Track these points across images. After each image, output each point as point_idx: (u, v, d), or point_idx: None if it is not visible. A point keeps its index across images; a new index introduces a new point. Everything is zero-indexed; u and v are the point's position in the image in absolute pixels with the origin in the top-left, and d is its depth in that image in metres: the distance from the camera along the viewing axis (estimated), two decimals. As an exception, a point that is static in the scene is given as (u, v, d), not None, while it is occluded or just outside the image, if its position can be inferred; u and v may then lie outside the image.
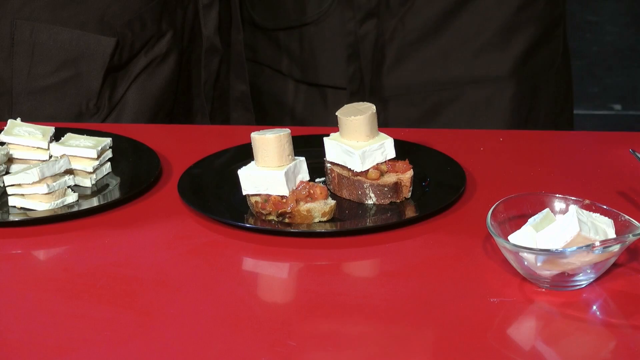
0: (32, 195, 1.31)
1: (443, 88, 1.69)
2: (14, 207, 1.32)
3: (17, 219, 1.30)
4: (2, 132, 1.40)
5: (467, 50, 1.69)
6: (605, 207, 1.20)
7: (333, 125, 1.37)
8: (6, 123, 1.42)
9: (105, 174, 1.41)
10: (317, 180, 1.36)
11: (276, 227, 1.27)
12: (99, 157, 1.38)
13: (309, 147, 1.37)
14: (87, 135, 1.41)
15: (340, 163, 1.35)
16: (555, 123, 1.75)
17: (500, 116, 1.71)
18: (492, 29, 1.69)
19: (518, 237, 1.17)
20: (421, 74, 1.69)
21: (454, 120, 1.70)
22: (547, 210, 1.20)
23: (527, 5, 1.70)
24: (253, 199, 1.30)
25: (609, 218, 1.18)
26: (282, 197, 1.29)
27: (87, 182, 1.38)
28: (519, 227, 1.18)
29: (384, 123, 1.68)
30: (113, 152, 1.42)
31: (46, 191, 1.31)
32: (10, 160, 1.39)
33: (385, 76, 1.68)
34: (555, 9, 1.74)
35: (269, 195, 1.29)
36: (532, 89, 1.73)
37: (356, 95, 1.69)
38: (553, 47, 1.75)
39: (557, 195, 1.23)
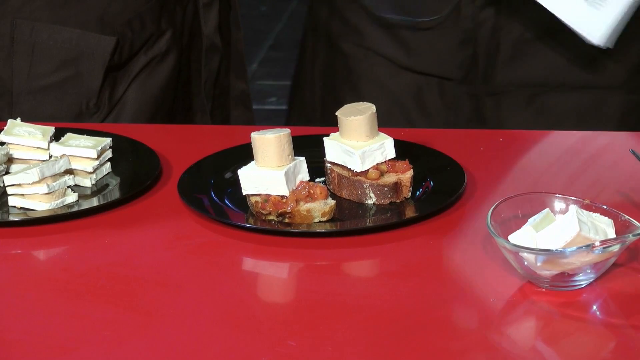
0: (32, 195, 1.32)
1: (552, 90, 1.67)
2: (14, 207, 1.32)
3: (17, 219, 1.30)
4: (2, 132, 1.40)
5: (581, 55, 1.66)
6: (605, 207, 1.20)
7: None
8: (6, 123, 1.42)
9: (105, 174, 1.41)
10: (317, 180, 1.36)
11: (276, 227, 1.27)
12: (98, 157, 1.39)
13: (308, 147, 1.37)
14: (87, 135, 1.42)
15: (340, 163, 1.35)
16: None
17: (607, 124, 1.69)
18: None
19: (518, 237, 1.17)
20: (533, 73, 1.66)
21: (558, 123, 1.67)
22: (547, 210, 1.20)
23: None
24: (253, 199, 1.30)
25: (609, 218, 1.18)
26: (282, 197, 1.29)
27: (87, 182, 1.38)
28: (518, 227, 1.18)
29: (489, 117, 1.66)
30: (113, 152, 1.42)
31: (46, 191, 1.31)
32: (10, 160, 1.39)
33: (499, 69, 1.65)
34: None
35: (269, 195, 1.29)
36: None
37: (463, 84, 1.67)
38: None
39: (557, 195, 1.23)
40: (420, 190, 1.35)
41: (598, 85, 1.69)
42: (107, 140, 1.41)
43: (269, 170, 1.29)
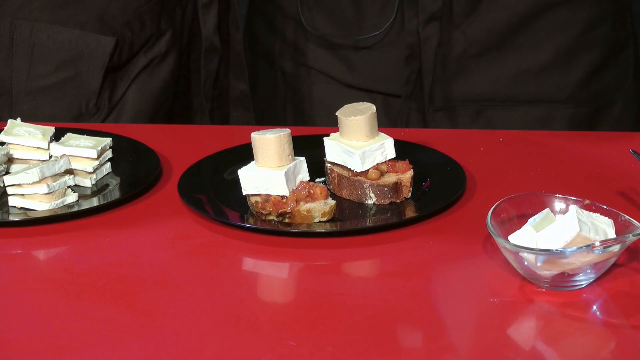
0: (32, 195, 1.32)
1: (499, 104, 1.67)
2: (14, 207, 1.33)
3: (17, 219, 1.30)
4: (2, 132, 1.41)
5: (527, 70, 1.66)
6: (605, 207, 1.20)
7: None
8: (6, 123, 1.42)
9: (105, 174, 1.41)
10: (317, 180, 1.36)
11: (276, 227, 1.27)
12: (99, 157, 1.39)
13: (309, 147, 1.38)
14: (87, 135, 1.42)
15: (340, 163, 1.35)
16: None
17: None
18: (553, 51, 1.66)
19: (518, 237, 1.17)
20: (479, 88, 1.66)
21: None
22: (547, 210, 1.20)
23: (592, 28, 1.66)
24: (253, 199, 1.30)
25: (609, 218, 1.18)
26: (282, 197, 1.29)
27: (87, 182, 1.38)
28: (519, 227, 1.19)
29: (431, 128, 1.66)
30: (113, 152, 1.43)
31: (46, 191, 1.31)
32: (10, 160, 1.40)
33: (445, 85, 1.65)
34: (621, 32, 1.70)
35: (269, 195, 1.29)
36: (592, 112, 1.70)
37: (409, 100, 1.66)
38: (621, 69, 1.72)
39: (557, 195, 1.24)
40: (420, 190, 1.35)
41: (544, 99, 1.69)
42: (107, 141, 1.41)
43: (269, 171, 1.29)
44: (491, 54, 1.64)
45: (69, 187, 1.34)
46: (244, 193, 1.31)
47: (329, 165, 1.37)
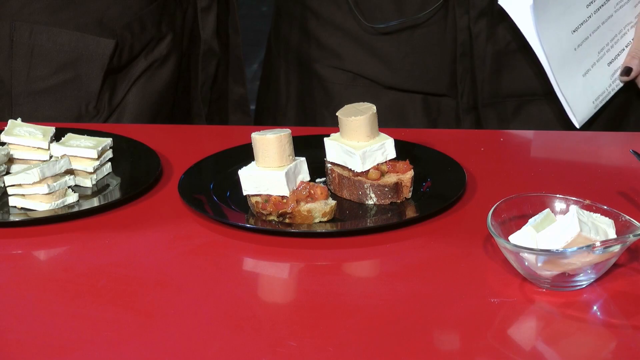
0: (32, 196, 1.32)
1: (539, 98, 1.64)
2: (15, 207, 1.33)
3: (17, 219, 1.30)
4: (3, 132, 1.41)
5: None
6: (605, 207, 1.20)
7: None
8: (6, 123, 1.42)
9: (105, 174, 1.41)
10: (317, 180, 1.36)
11: (277, 228, 1.27)
12: (99, 157, 1.39)
13: (309, 148, 1.38)
14: (87, 135, 1.42)
15: (340, 163, 1.35)
16: None
17: (596, 128, 1.67)
18: None
19: (518, 238, 1.17)
20: (519, 83, 1.64)
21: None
22: (547, 210, 1.20)
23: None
24: (254, 199, 1.30)
25: (609, 218, 1.18)
26: (283, 197, 1.29)
27: (87, 183, 1.38)
28: (519, 227, 1.19)
29: (477, 125, 1.65)
30: (113, 152, 1.43)
31: (47, 191, 1.31)
32: (10, 160, 1.40)
33: (486, 81, 1.63)
34: None
35: (270, 196, 1.29)
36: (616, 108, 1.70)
37: (449, 99, 1.64)
38: None
39: (558, 195, 1.24)
40: (421, 190, 1.35)
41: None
42: (108, 141, 1.41)
43: (270, 171, 1.29)
44: (529, 47, 1.64)
45: (69, 187, 1.34)
46: (245, 193, 1.31)
47: (329, 165, 1.37)
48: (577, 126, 1.63)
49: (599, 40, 1.64)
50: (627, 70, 1.66)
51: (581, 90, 1.64)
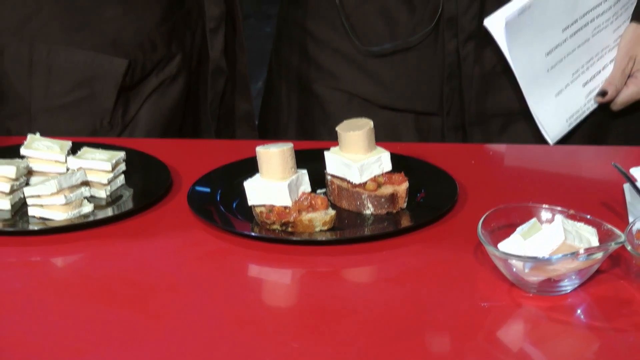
0: (50, 206, 1.32)
1: (525, 117, 1.64)
2: (34, 216, 1.33)
3: (36, 228, 1.30)
4: (23, 146, 1.41)
5: None
6: (589, 217, 1.20)
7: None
8: (26, 138, 1.43)
9: (119, 185, 1.41)
10: (318, 191, 1.36)
11: (280, 236, 1.27)
12: (113, 169, 1.39)
13: (310, 161, 1.38)
14: (102, 149, 1.42)
15: (340, 175, 1.36)
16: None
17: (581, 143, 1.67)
18: None
19: (507, 245, 1.17)
20: (506, 102, 1.64)
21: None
22: (534, 219, 1.20)
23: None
24: (258, 209, 1.31)
25: (592, 227, 1.18)
26: (285, 207, 1.29)
27: (102, 193, 1.38)
28: (508, 235, 1.19)
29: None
30: (126, 165, 1.43)
31: (64, 202, 1.31)
32: (30, 172, 1.40)
33: (478, 100, 1.63)
34: None
35: (273, 206, 1.29)
36: (610, 125, 1.70)
37: (440, 117, 1.64)
38: None
39: (544, 205, 1.24)
40: (415, 201, 1.35)
41: None
42: (121, 154, 1.42)
43: (273, 182, 1.29)
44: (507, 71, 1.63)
45: (85, 198, 1.34)
46: (250, 203, 1.31)
47: (329, 177, 1.37)
48: (551, 143, 1.63)
49: (574, 62, 1.64)
50: (602, 93, 1.66)
51: (554, 110, 1.63)
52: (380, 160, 1.34)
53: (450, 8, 1.59)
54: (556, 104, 1.64)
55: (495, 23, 1.56)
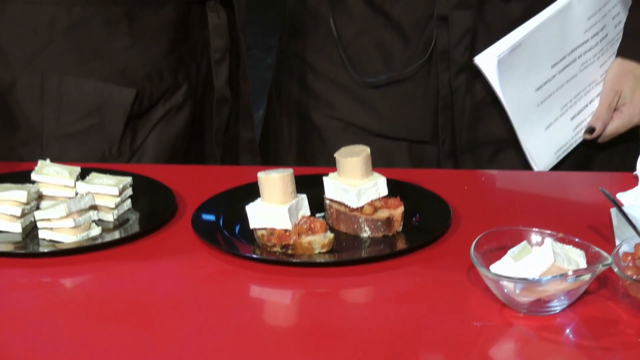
0: (60, 229, 1.32)
1: (513, 145, 1.65)
2: (44, 239, 1.33)
3: (46, 250, 1.30)
4: (33, 172, 1.41)
5: None
6: (577, 239, 1.20)
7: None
8: (37, 164, 1.43)
9: (126, 209, 1.41)
10: (317, 215, 1.36)
11: (280, 258, 1.27)
12: (120, 194, 1.39)
13: (309, 186, 1.38)
14: (109, 174, 1.42)
15: (338, 200, 1.36)
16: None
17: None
18: None
19: (498, 267, 1.17)
20: (495, 131, 1.64)
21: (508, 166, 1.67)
22: (524, 242, 1.20)
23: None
24: (259, 232, 1.31)
25: (580, 250, 1.18)
26: (286, 230, 1.29)
27: (109, 217, 1.38)
28: (499, 258, 1.19)
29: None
30: (133, 189, 1.43)
31: (73, 225, 1.31)
32: (40, 197, 1.40)
33: (469, 129, 1.63)
34: None
35: (274, 229, 1.29)
36: (596, 153, 1.70)
37: (431, 145, 1.64)
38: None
39: (534, 229, 1.24)
40: (411, 224, 1.35)
41: None
42: (128, 179, 1.42)
43: (274, 206, 1.29)
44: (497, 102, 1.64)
45: (93, 221, 1.34)
46: (251, 227, 1.31)
47: (327, 201, 1.37)
48: (537, 169, 1.63)
49: (563, 97, 1.64)
50: (590, 130, 1.66)
51: (543, 142, 1.64)
52: (377, 186, 1.34)
53: (442, 42, 1.60)
54: (546, 137, 1.64)
55: (485, 60, 1.57)
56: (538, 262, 1.15)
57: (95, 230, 1.34)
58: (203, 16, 1.69)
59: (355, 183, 1.34)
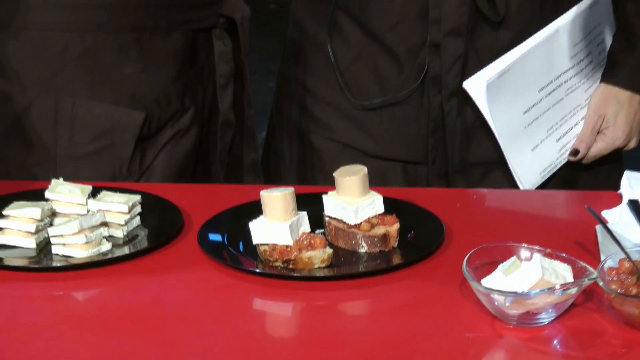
0: (72, 245, 1.32)
1: (503, 166, 1.64)
2: (57, 254, 1.33)
3: (59, 265, 1.30)
4: (47, 190, 1.41)
5: None
6: (564, 255, 1.21)
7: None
8: (50, 183, 1.43)
9: (135, 226, 1.41)
10: (317, 231, 1.37)
11: (282, 272, 1.27)
12: (129, 211, 1.39)
13: (310, 203, 1.38)
14: (119, 192, 1.43)
15: (336, 217, 1.36)
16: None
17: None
18: None
19: (489, 281, 1.17)
20: (486, 153, 1.64)
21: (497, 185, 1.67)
22: (514, 257, 1.21)
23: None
24: (262, 248, 1.31)
25: (567, 265, 1.19)
26: (287, 246, 1.29)
27: (119, 233, 1.39)
28: (490, 272, 1.19)
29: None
30: (142, 207, 1.43)
31: (84, 241, 1.32)
32: (53, 214, 1.40)
33: (461, 150, 1.64)
34: None
35: (276, 245, 1.30)
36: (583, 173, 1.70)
37: (433, 166, 1.64)
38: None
39: (523, 245, 1.24)
40: (406, 240, 1.36)
41: None
42: (137, 197, 1.42)
43: (276, 223, 1.30)
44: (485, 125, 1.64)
45: (104, 237, 1.35)
46: (254, 242, 1.32)
47: (327, 218, 1.37)
48: (524, 188, 1.64)
49: (549, 120, 1.65)
50: (574, 152, 1.67)
51: (529, 163, 1.64)
52: (374, 203, 1.35)
53: (435, 67, 1.61)
54: (532, 157, 1.64)
55: (474, 85, 1.58)
56: (527, 277, 1.16)
57: (106, 246, 1.34)
58: (209, 43, 1.70)
59: (353, 201, 1.34)
